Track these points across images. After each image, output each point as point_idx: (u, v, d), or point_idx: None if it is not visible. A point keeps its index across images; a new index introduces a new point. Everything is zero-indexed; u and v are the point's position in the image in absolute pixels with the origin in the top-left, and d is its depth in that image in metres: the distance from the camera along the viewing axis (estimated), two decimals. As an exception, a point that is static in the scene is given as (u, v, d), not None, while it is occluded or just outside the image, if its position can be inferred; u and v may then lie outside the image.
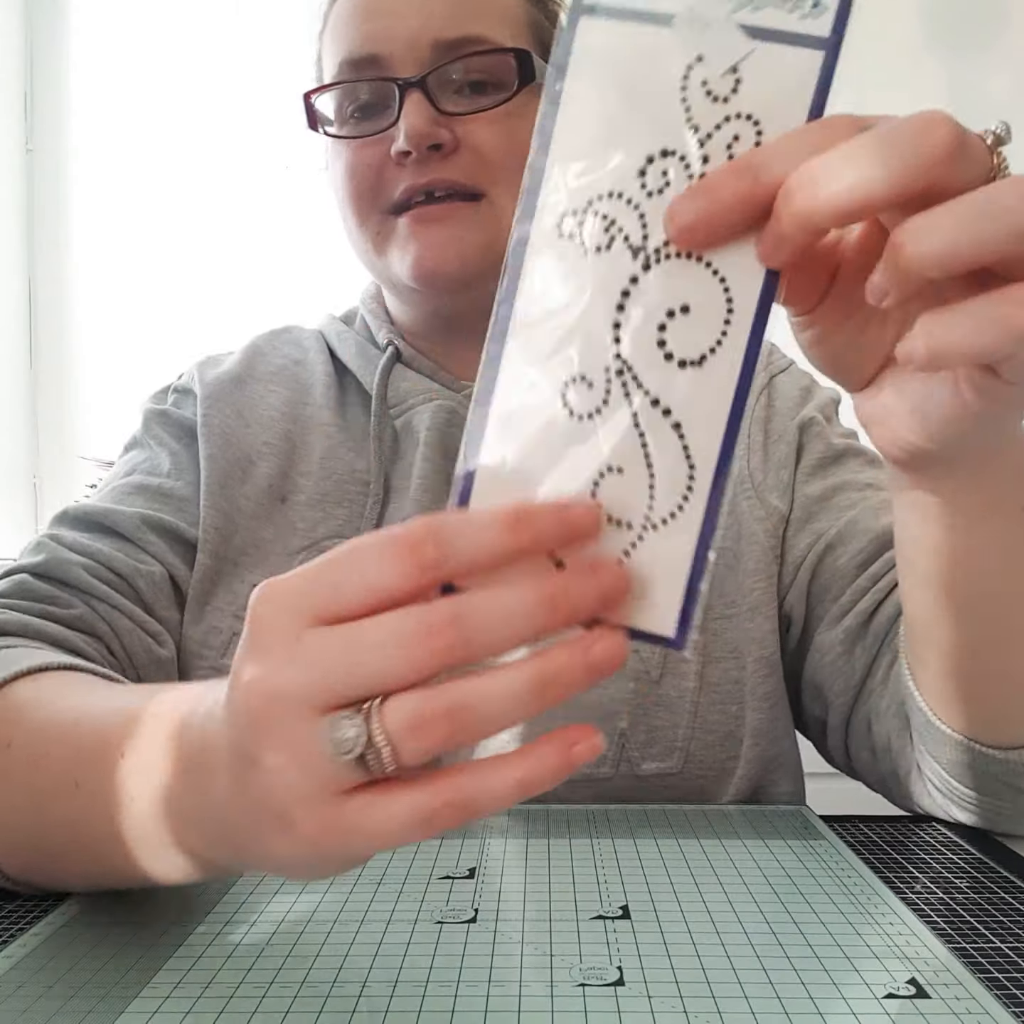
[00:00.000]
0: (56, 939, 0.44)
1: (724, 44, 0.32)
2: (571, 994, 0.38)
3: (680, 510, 0.32)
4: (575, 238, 0.32)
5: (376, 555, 0.30)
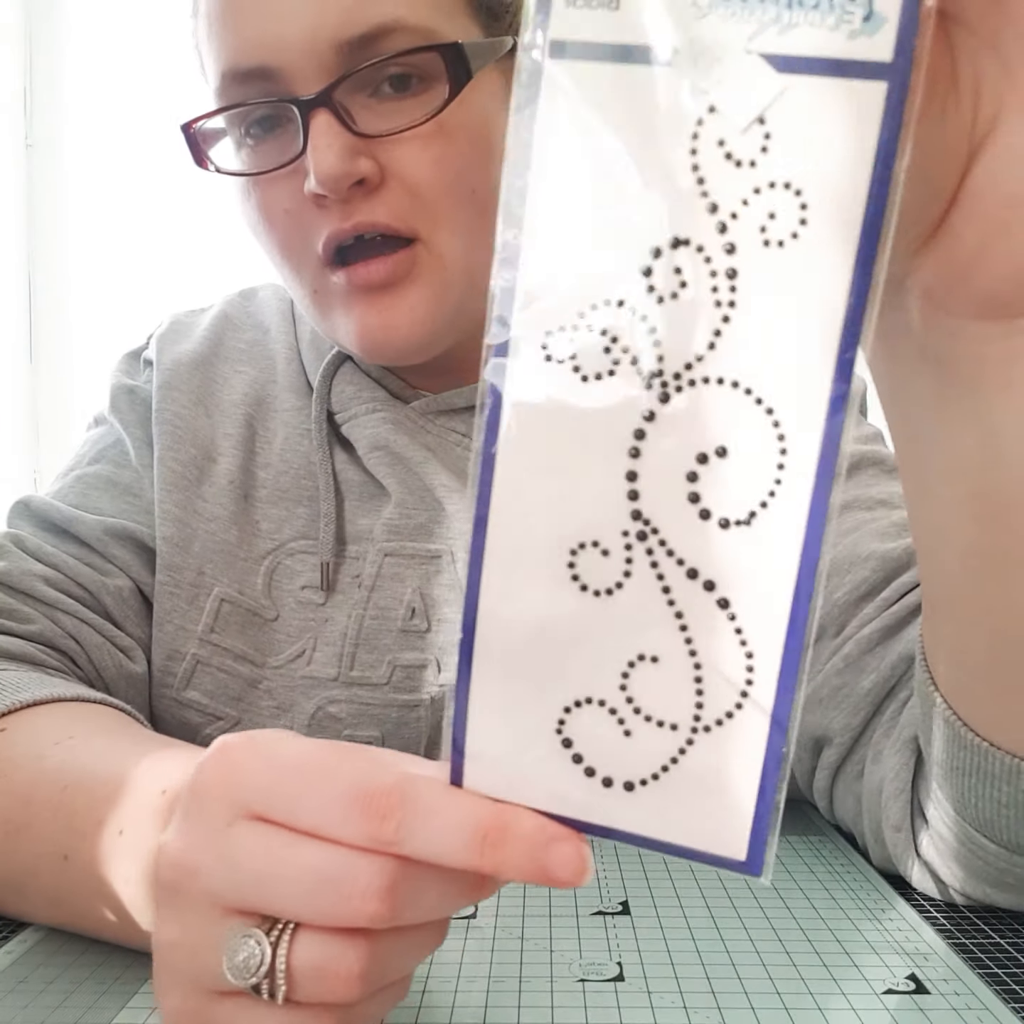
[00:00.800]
0: (57, 934, 0.43)
1: (744, 85, 0.23)
2: (571, 989, 0.38)
3: (739, 708, 0.25)
4: (566, 363, 0.25)
5: (342, 801, 0.27)
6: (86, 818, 0.39)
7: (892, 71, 0.22)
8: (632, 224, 0.24)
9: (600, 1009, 0.37)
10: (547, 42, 0.24)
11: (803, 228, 0.23)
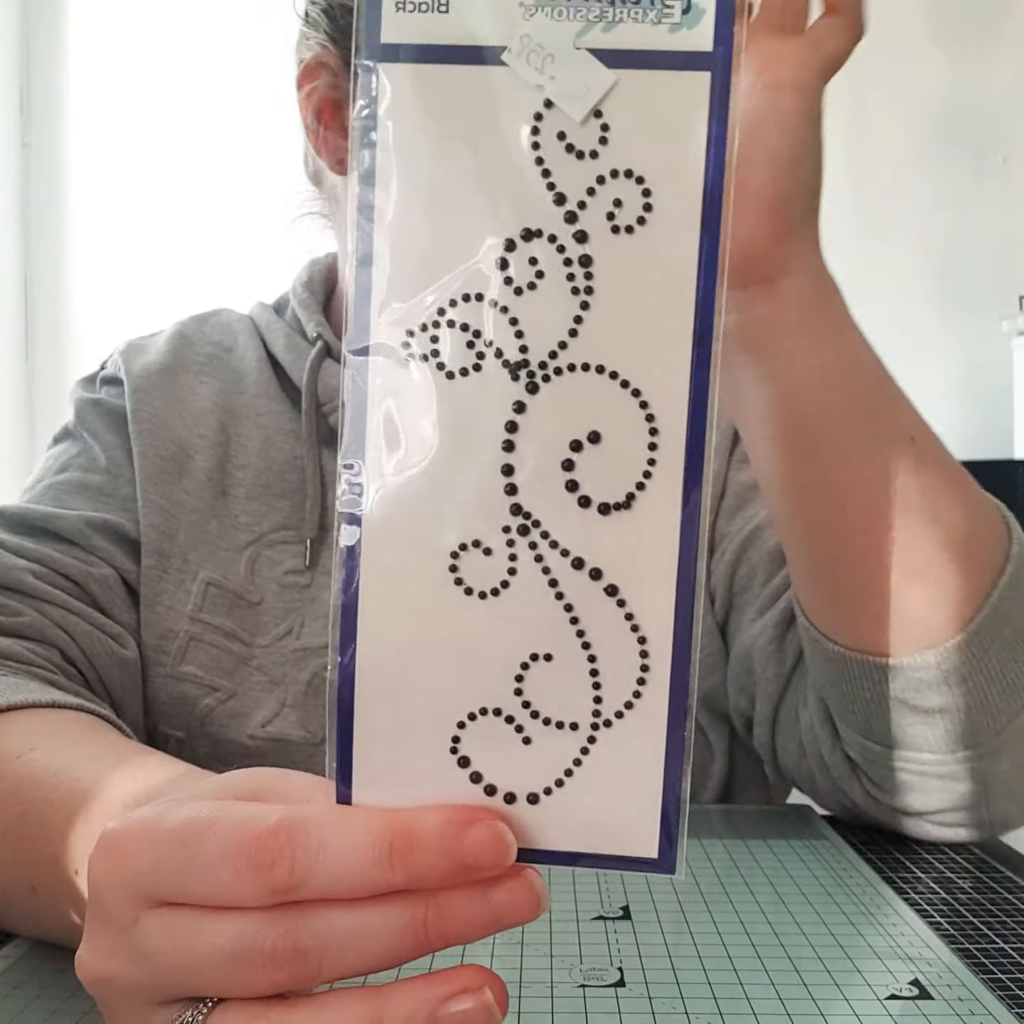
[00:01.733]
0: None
1: (577, 80, 0.24)
2: (571, 995, 0.38)
3: (638, 697, 0.25)
4: (430, 360, 0.25)
5: (227, 861, 0.25)
6: (44, 851, 0.38)
7: (714, 60, 0.24)
8: (484, 219, 0.25)
9: (601, 1015, 0.37)
10: (379, 46, 0.24)
11: (648, 214, 0.25)
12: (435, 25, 0.24)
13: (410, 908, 0.25)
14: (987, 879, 0.50)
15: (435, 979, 0.25)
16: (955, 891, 0.49)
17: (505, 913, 0.25)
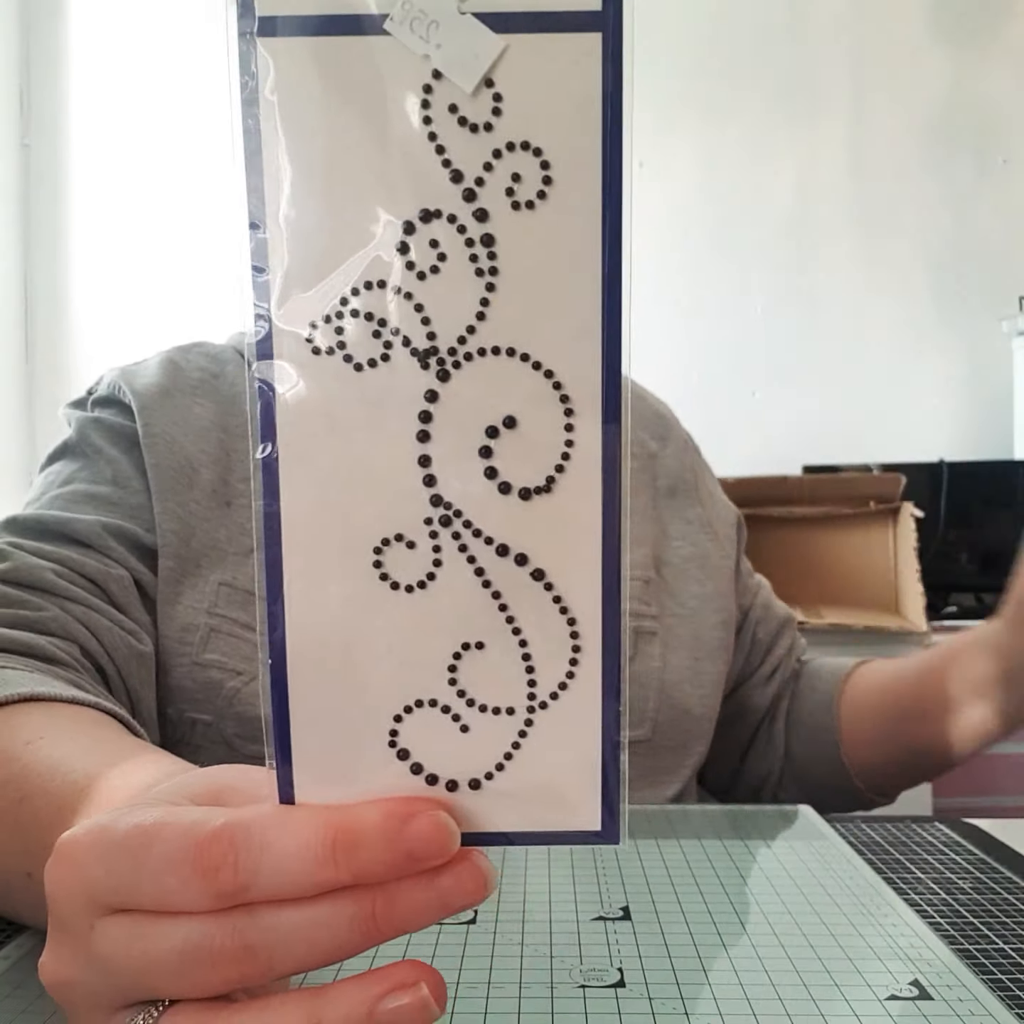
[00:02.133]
0: (53, 939, 0.43)
1: (464, 48, 0.23)
2: (571, 995, 0.38)
3: (571, 677, 0.25)
4: (336, 353, 0.24)
5: (173, 867, 0.25)
6: (37, 840, 0.38)
7: (604, 19, 0.23)
8: (380, 202, 0.24)
9: (601, 1015, 0.37)
10: (255, 19, 0.23)
11: (549, 187, 0.24)
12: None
13: (357, 901, 0.25)
14: (987, 879, 0.50)
15: (370, 978, 0.26)
16: (955, 891, 0.49)
17: (452, 897, 0.25)
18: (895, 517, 1.74)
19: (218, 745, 0.64)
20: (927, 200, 2.40)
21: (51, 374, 2.39)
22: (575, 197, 0.24)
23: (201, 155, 2.34)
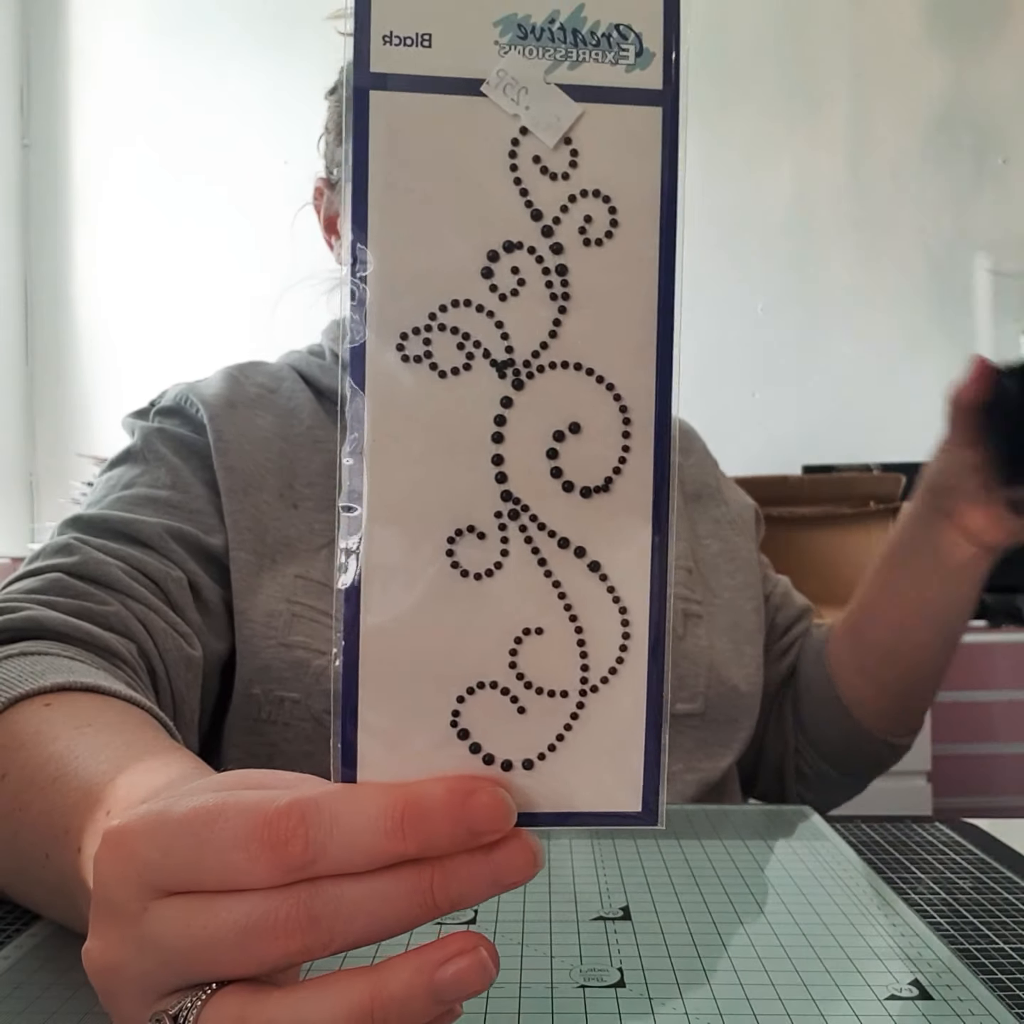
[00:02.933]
0: (53, 940, 0.43)
1: (548, 111, 0.27)
2: (571, 995, 0.38)
3: (621, 663, 0.28)
4: (423, 361, 0.27)
5: (240, 844, 0.26)
6: (59, 822, 0.39)
7: (664, 97, 0.28)
8: (469, 233, 0.27)
9: (601, 1015, 0.37)
10: (369, 75, 0.27)
11: (615, 228, 0.28)
12: (419, 58, 0.27)
13: (416, 874, 0.26)
14: (987, 879, 0.50)
15: (429, 948, 0.27)
16: (955, 891, 0.49)
17: (505, 873, 0.27)
18: (895, 517, 1.74)
19: (306, 722, 0.66)
20: (927, 200, 2.40)
21: (51, 374, 2.39)
22: (637, 238, 0.28)
23: (201, 155, 2.34)
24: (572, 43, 0.27)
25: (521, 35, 0.27)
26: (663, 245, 0.28)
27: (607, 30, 0.27)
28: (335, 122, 0.79)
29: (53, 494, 2.26)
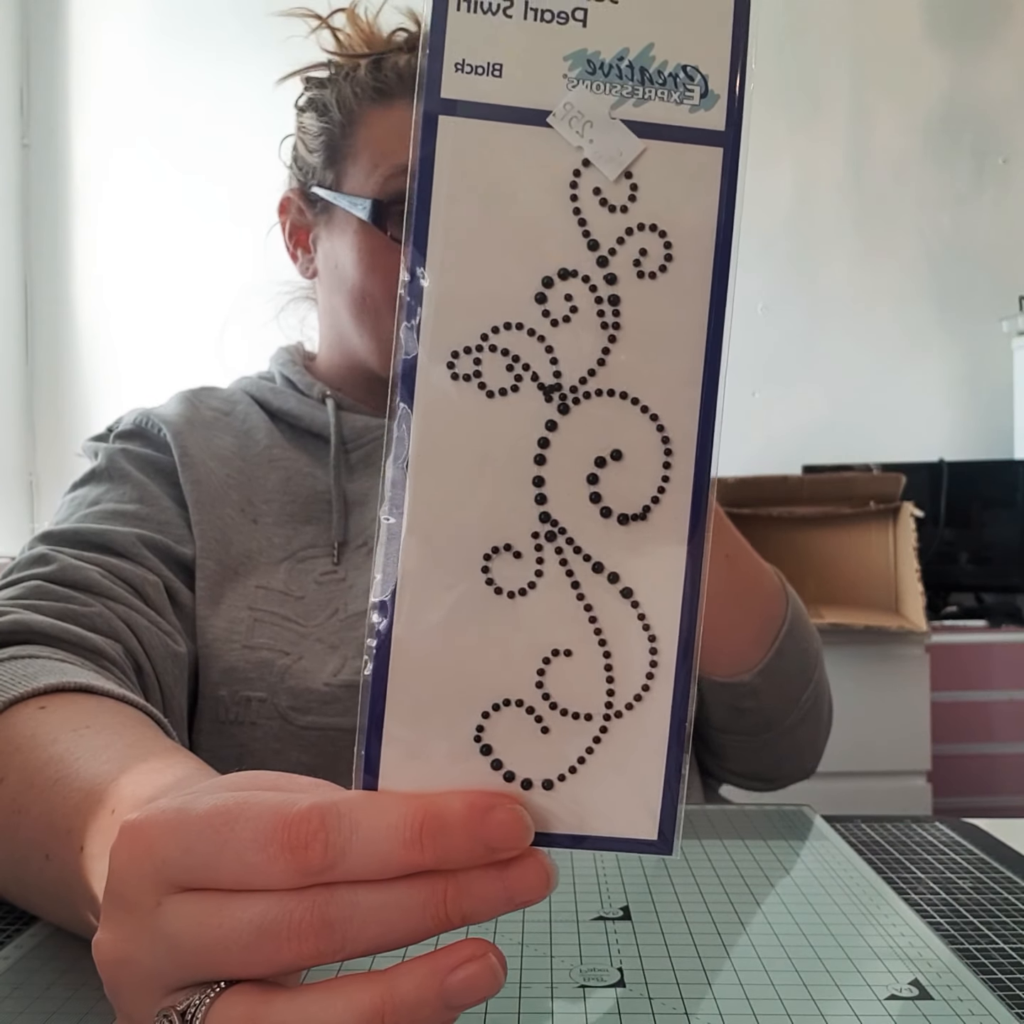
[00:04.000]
0: (52, 940, 0.43)
1: (611, 145, 0.28)
2: (571, 995, 0.38)
3: (646, 690, 0.28)
4: (472, 380, 0.28)
5: (259, 845, 0.26)
6: (61, 823, 0.39)
7: (725, 138, 0.28)
8: (526, 258, 0.28)
9: (601, 1015, 0.37)
10: (439, 100, 0.28)
11: (669, 263, 0.28)
12: (489, 87, 0.28)
13: (431, 886, 0.26)
14: (987, 879, 0.50)
15: (439, 954, 0.27)
16: (955, 891, 0.49)
17: (518, 891, 0.27)
18: (895, 517, 1.74)
19: (273, 720, 0.67)
20: (927, 200, 2.40)
21: (51, 374, 2.39)
22: (690, 273, 0.28)
23: (201, 155, 2.34)
24: (639, 81, 0.28)
25: (590, 70, 0.28)
26: (715, 282, 0.28)
27: (674, 70, 0.28)
28: (322, 140, 0.79)
29: (53, 494, 2.26)
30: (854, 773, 1.61)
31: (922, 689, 1.68)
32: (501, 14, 0.28)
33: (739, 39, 0.28)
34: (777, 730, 0.75)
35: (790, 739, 0.77)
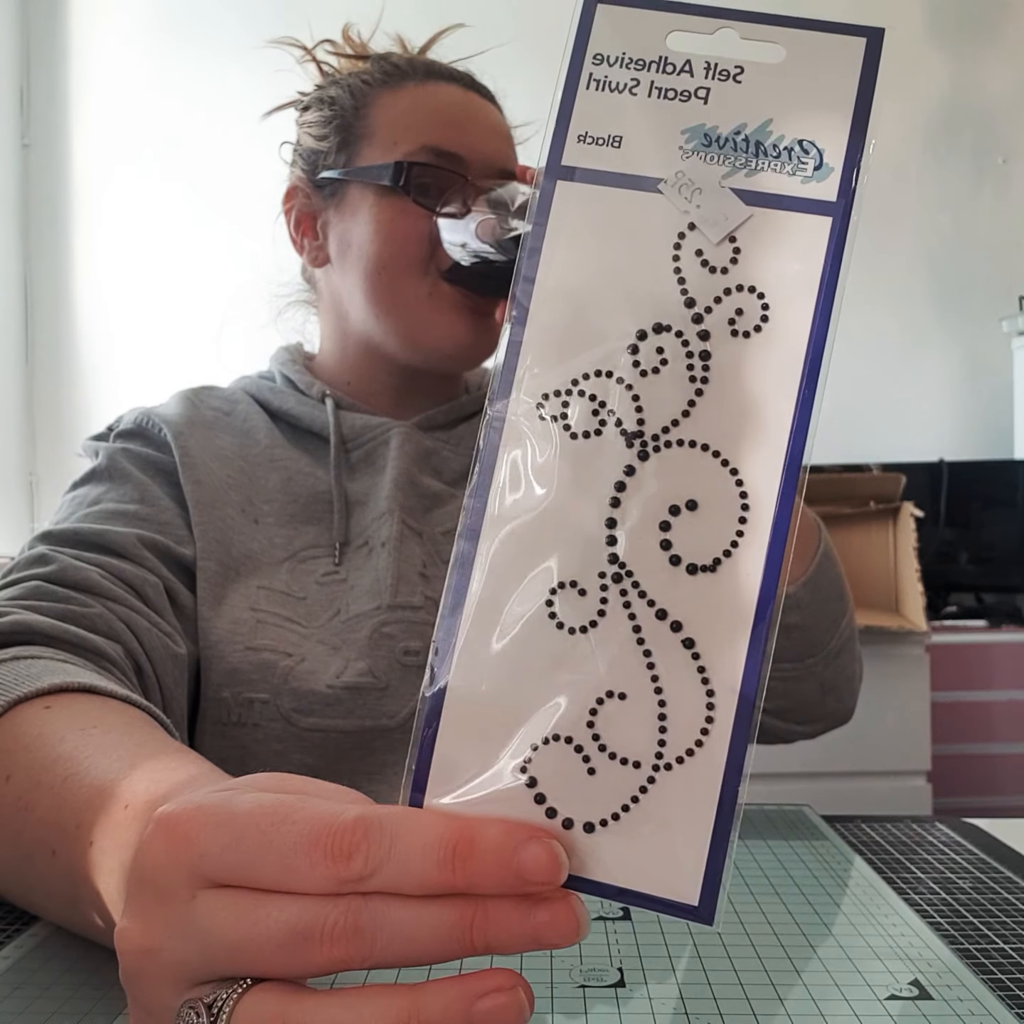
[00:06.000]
0: (52, 940, 0.43)
1: (718, 211, 0.29)
2: (571, 995, 0.38)
3: (699, 746, 0.27)
4: (559, 421, 0.29)
5: (303, 849, 0.27)
6: (70, 819, 0.40)
7: (836, 208, 0.29)
8: (624, 311, 0.29)
9: (601, 1015, 0.37)
10: (559, 167, 0.29)
11: (764, 324, 0.29)
12: (608, 156, 0.29)
13: (460, 909, 0.27)
14: (987, 879, 0.50)
15: (469, 978, 0.27)
16: (955, 891, 0.49)
17: (545, 932, 0.26)
18: (895, 517, 1.75)
19: (276, 722, 0.67)
20: (927, 200, 2.40)
21: (51, 374, 2.39)
22: (785, 335, 0.29)
23: (201, 155, 2.34)
24: (753, 153, 0.29)
25: (706, 143, 0.29)
26: (811, 344, 0.28)
27: (790, 144, 0.29)
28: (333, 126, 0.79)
29: (53, 494, 2.26)
30: (854, 773, 1.61)
31: (922, 689, 1.69)
32: (627, 92, 0.29)
33: (861, 115, 0.29)
34: (820, 654, 0.74)
35: (833, 668, 0.76)
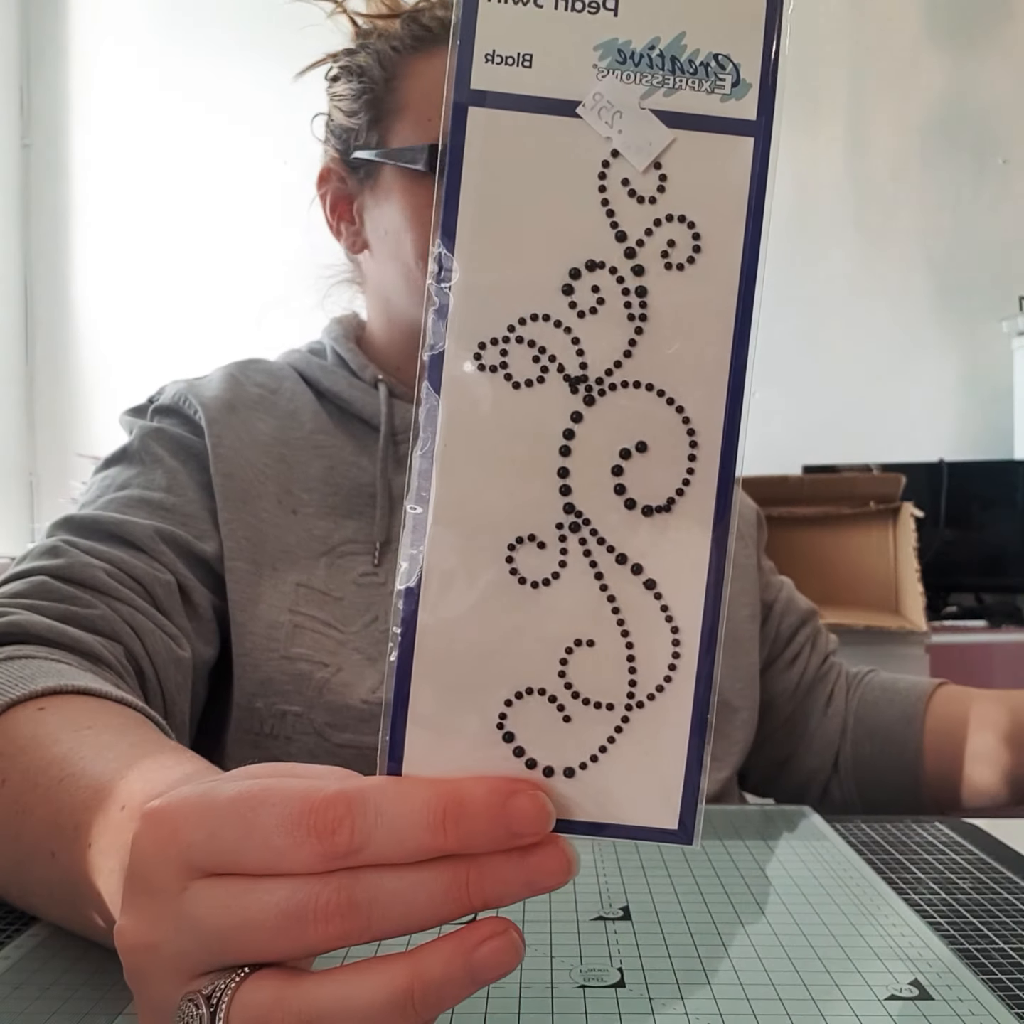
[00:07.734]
0: (52, 940, 0.43)
1: (640, 135, 0.28)
2: (572, 995, 0.38)
3: (668, 681, 0.28)
4: (499, 371, 0.28)
5: (286, 829, 0.27)
6: (68, 820, 0.40)
7: (757, 127, 0.28)
8: (553, 249, 0.28)
9: (601, 1016, 0.37)
10: (469, 91, 0.28)
11: (697, 255, 0.28)
12: (519, 77, 0.28)
13: (453, 869, 0.27)
14: (987, 879, 0.50)
15: (462, 932, 0.27)
16: (955, 891, 0.49)
17: (539, 876, 0.27)
18: (895, 517, 1.74)
19: (308, 736, 0.66)
20: (927, 200, 2.40)
21: (51, 374, 2.39)
22: (718, 266, 0.28)
23: (200, 155, 2.34)
24: (670, 70, 0.28)
25: (620, 60, 0.28)
26: (743, 274, 0.28)
27: (705, 59, 0.28)
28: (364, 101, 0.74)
29: (53, 494, 2.26)
30: (854, 773, 1.61)
31: (922, 689, 1.68)
32: (532, 4, 0.28)
33: (772, 27, 0.28)
34: None
35: None
